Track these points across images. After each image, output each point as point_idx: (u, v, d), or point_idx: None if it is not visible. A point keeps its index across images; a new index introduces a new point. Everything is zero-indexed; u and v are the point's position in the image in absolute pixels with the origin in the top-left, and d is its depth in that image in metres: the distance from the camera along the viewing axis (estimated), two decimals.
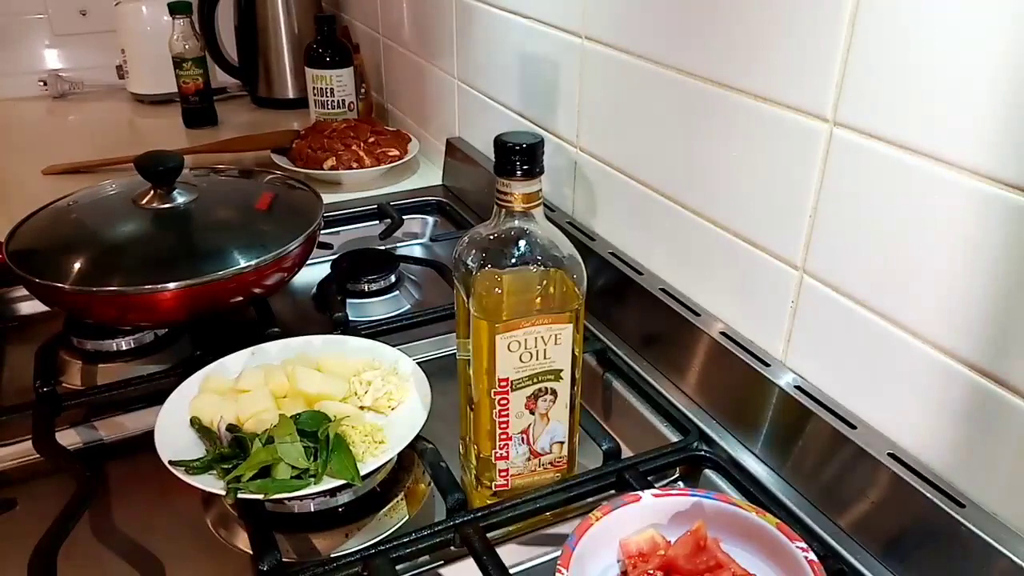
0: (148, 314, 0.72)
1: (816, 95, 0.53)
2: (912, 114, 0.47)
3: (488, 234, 0.54)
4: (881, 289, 0.52)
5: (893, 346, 0.51)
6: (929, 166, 0.47)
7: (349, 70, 1.29)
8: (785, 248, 0.58)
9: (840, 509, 0.54)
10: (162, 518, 0.60)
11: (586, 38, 0.77)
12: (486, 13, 0.95)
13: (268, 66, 1.49)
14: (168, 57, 1.36)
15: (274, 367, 0.65)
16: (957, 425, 0.49)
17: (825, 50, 0.51)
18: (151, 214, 0.77)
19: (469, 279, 0.53)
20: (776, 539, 0.48)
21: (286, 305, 0.87)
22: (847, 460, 0.53)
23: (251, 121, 1.44)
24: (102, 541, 0.58)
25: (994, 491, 0.47)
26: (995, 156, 0.43)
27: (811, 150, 0.54)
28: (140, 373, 0.73)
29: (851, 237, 0.53)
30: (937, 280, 0.48)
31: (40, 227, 0.77)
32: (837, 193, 0.53)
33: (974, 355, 0.47)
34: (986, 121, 0.43)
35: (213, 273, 0.70)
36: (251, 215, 0.79)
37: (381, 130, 1.21)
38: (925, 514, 0.48)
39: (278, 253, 0.74)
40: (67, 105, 1.54)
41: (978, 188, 0.44)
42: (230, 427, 0.59)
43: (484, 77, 1.01)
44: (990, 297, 0.45)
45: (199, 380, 0.65)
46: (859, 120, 0.50)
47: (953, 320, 0.47)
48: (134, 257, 0.73)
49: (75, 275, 0.69)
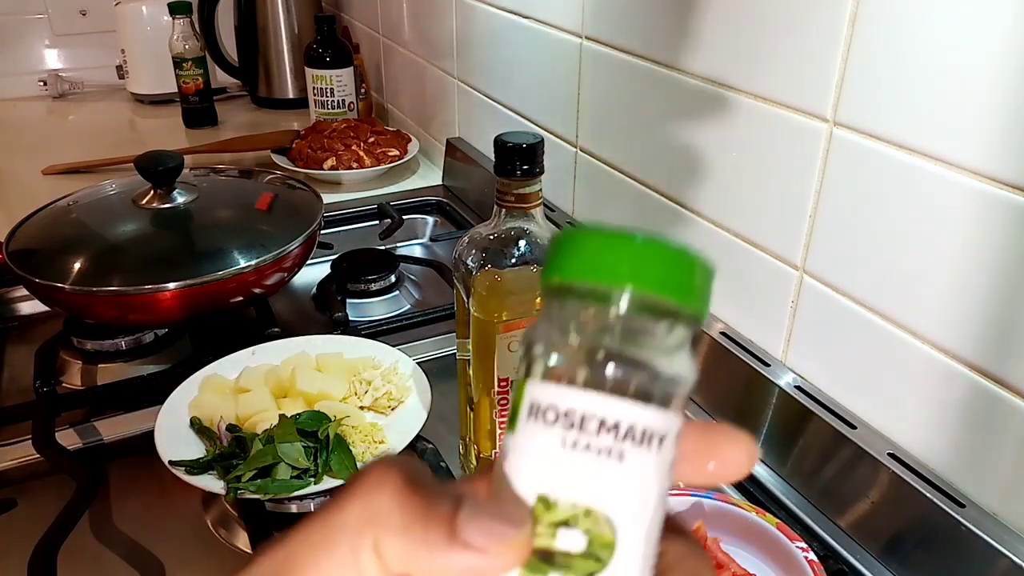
0: (148, 314, 0.72)
1: (816, 95, 0.53)
2: (912, 114, 0.47)
3: (488, 234, 0.53)
4: (881, 289, 0.52)
5: (893, 346, 0.51)
6: (929, 166, 0.47)
7: (349, 70, 1.29)
8: (785, 248, 0.58)
9: (840, 509, 0.54)
10: (162, 518, 0.60)
11: (586, 38, 0.77)
12: (486, 13, 0.95)
13: (268, 66, 1.48)
14: (168, 57, 1.36)
15: (274, 367, 0.65)
16: (957, 425, 0.49)
17: (825, 50, 0.51)
18: (151, 214, 0.77)
19: (469, 279, 0.53)
20: (776, 539, 0.48)
21: (286, 305, 0.87)
22: (847, 460, 0.53)
23: (251, 121, 1.44)
24: (102, 541, 0.58)
25: (994, 491, 0.47)
26: (995, 156, 0.43)
27: (811, 150, 0.54)
28: (140, 373, 0.72)
29: (851, 237, 0.53)
30: (937, 280, 0.48)
31: (40, 227, 0.77)
32: (837, 193, 0.53)
33: (974, 355, 0.47)
34: (986, 121, 0.43)
35: (213, 273, 0.70)
36: (251, 215, 0.79)
37: (381, 130, 1.21)
38: (925, 514, 0.48)
39: (278, 253, 0.74)
40: (67, 105, 1.53)
41: (978, 188, 0.44)
42: (230, 427, 0.59)
43: (484, 77, 1.01)
44: (990, 297, 0.45)
45: (199, 380, 0.65)
46: (859, 120, 0.50)
47: (953, 320, 0.47)
48: (134, 257, 0.73)
49: (75, 275, 0.69)
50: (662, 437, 0.18)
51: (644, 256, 0.18)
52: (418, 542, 0.18)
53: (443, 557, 0.17)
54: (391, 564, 0.18)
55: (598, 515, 0.18)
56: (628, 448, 0.18)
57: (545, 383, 0.19)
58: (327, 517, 0.19)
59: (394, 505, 0.18)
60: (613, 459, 0.18)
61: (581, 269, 0.19)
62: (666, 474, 0.19)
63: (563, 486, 0.18)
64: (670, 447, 0.19)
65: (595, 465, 0.18)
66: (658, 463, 0.18)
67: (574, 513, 0.18)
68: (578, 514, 0.18)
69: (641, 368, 0.18)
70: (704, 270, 0.19)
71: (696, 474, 0.20)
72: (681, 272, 0.19)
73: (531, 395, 0.19)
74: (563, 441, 0.18)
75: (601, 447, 0.18)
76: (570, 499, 0.18)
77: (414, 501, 0.18)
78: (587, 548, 0.18)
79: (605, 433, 0.18)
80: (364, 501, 0.18)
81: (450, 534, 0.18)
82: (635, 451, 0.18)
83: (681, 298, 0.19)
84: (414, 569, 0.18)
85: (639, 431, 0.18)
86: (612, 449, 0.18)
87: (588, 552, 0.18)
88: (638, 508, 0.18)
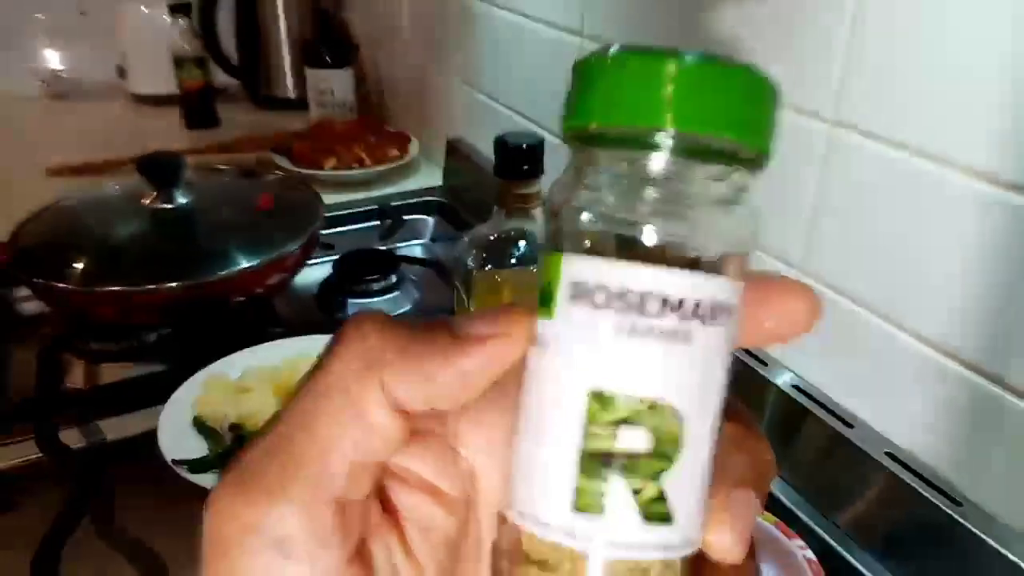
0: (150, 314, 0.72)
1: (816, 94, 0.53)
2: (912, 114, 0.47)
3: (489, 234, 0.54)
4: (880, 289, 0.52)
5: (891, 346, 0.51)
6: (929, 166, 0.47)
7: (349, 70, 1.29)
8: (784, 248, 0.58)
9: (838, 508, 0.54)
10: (165, 518, 0.60)
11: (586, 37, 0.77)
12: (487, 12, 0.95)
13: (268, 66, 1.48)
14: (168, 57, 1.35)
15: (276, 367, 0.66)
16: (954, 424, 0.49)
17: (825, 49, 0.51)
18: (153, 215, 0.77)
19: (469, 279, 0.53)
20: (774, 537, 0.48)
21: (288, 305, 0.87)
22: (845, 459, 0.53)
23: (251, 121, 1.44)
24: (105, 540, 0.58)
25: (991, 490, 0.47)
26: (996, 157, 0.43)
27: (811, 150, 0.54)
28: (143, 373, 0.73)
29: (850, 237, 0.53)
30: (936, 280, 0.48)
31: (42, 228, 0.77)
32: (837, 193, 0.53)
33: (972, 355, 0.47)
34: (986, 122, 0.43)
35: (215, 273, 0.70)
36: (252, 215, 0.79)
37: (381, 130, 1.21)
38: (922, 513, 0.49)
39: (279, 253, 0.74)
40: (67, 105, 1.53)
41: (978, 189, 0.44)
42: (233, 426, 0.59)
43: (485, 77, 1.01)
44: (988, 297, 0.45)
45: (202, 380, 0.65)
46: (859, 120, 0.50)
47: (951, 320, 0.47)
48: (136, 257, 0.73)
49: (77, 275, 0.70)
50: (730, 309, 0.16)
51: (700, 83, 0.15)
52: (424, 358, 0.16)
53: (455, 360, 0.16)
54: (405, 398, 0.16)
55: (664, 408, 0.15)
56: (695, 328, 0.15)
57: (588, 257, 0.16)
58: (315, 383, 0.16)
59: (386, 340, 0.16)
60: (679, 342, 0.15)
61: (620, 108, 0.15)
62: (731, 349, 0.16)
63: (622, 379, 0.15)
64: (736, 318, 0.16)
65: (659, 351, 0.15)
66: (726, 340, 0.16)
67: (636, 408, 0.15)
68: (642, 409, 0.15)
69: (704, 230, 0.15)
70: (772, 93, 0.16)
71: (753, 335, 0.17)
72: (745, 99, 0.15)
73: (571, 272, 0.16)
74: (618, 327, 0.15)
75: (665, 329, 0.15)
76: (631, 392, 0.15)
77: (404, 330, 0.17)
78: (652, 446, 0.15)
79: (669, 313, 0.15)
80: (354, 350, 0.16)
81: (453, 338, 0.16)
82: (703, 330, 0.15)
83: (749, 136, 0.15)
84: (429, 391, 0.16)
85: (707, 306, 0.15)
86: (678, 331, 0.15)
87: (653, 450, 0.15)
88: (707, 394, 0.16)
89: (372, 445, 0.16)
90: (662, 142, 0.15)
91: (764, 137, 0.16)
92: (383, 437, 0.16)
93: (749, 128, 0.15)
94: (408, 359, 0.16)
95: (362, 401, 0.16)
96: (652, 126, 0.14)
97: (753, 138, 0.15)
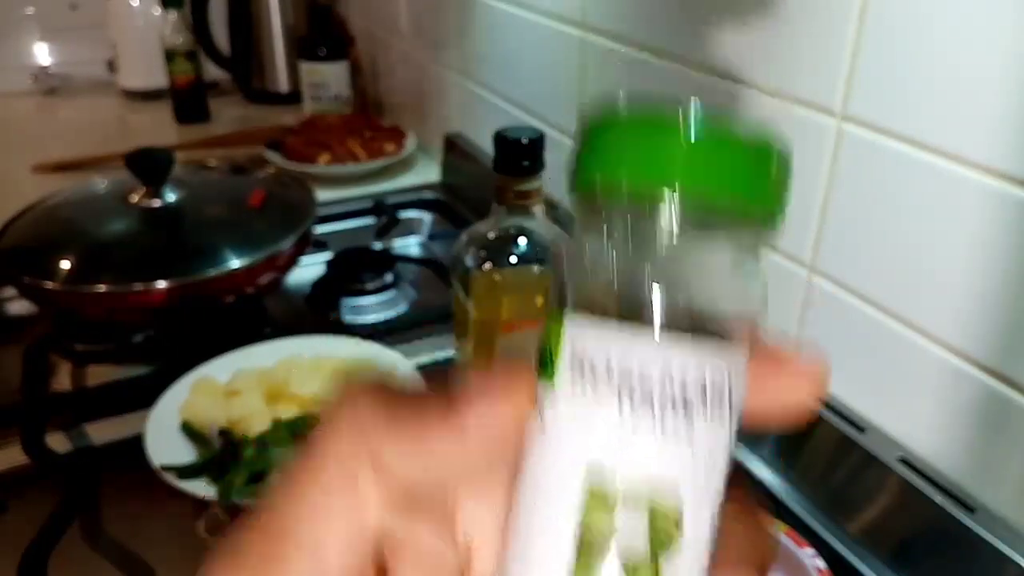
0: (138, 314, 0.71)
1: (825, 89, 0.52)
2: (923, 109, 0.46)
3: (487, 232, 0.53)
4: (891, 288, 0.51)
5: (903, 347, 0.50)
6: (940, 162, 0.46)
7: (344, 63, 1.27)
8: (794, 246, 0.57)
9: (849, 515, 0.53)
10: (153, 523, 0.59)
11: (586, 30, 0.76)
12: (486, 3, 0.94)
13: (261, 59, 1.47)
14: (159, 51, 1.34)
15: (267, 369, 0.64)
16: (968, 428, 0.48)
17: (834, 43, 0.50)
18: (141, 212, 0.76)
19: (468, 279, 0.52)
20: (784, 545, 0.48)
21: (280, 305, 0.85)
22: (856, 465, 0.52)
23: (243, 116, 1.43)
24: (92, 546, 0.57)
25: (1005, 496, 0.46)
26: (1008, 152, 0.42)
27: (820, 145, 0.53)
28: (130, 375, 0.71)
29: (861, 235, 0.52)
30: (949, 279, 0.47)
31: (29, 225, 0.76)
32: (847, 190, 0.52)
33: (986, 356, 0.46)
34: (997, 117, 0.42)
35: (204, 272, 0.69)
36: (243, 213, 0.78)
37: (377, 125, 1.20)
38: (935, 520, 0.48)
39: (271, 252, 0.73)
40: (57, 100, 1.52)
41: (991, 185, 0.43)
42: (222, 431, 0.58)
43: (484, 71, 1.00)
44: (1003, 297, 0.44)
45: (190, 382, 0.63)
46: (869, 115, 0.49)
47: (965, 320, 0.47)
48: (124, 256, 0.72)
49: (64, 274, 0.68)
50: (734, 386, 0.15)
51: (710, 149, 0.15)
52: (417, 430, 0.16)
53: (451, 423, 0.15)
54: (396, 471, 0.16)
55: (664, 491, 0.15)
56: (698, 407, 0.15)
57: (592, 326, 0.15)
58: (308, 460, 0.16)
59: (378, 410, 0.16)
60: (681, 420, 0.15)
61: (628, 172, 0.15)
62: (735, 428, 0.16)
63: (621, 460, 0.15)
64: (741, 394, 0.16)
65: (661, 431, 0.15)
66: (731, 417, 0.16)
67: (636, 492, 0.15)
68: (641, 493, 0.15)
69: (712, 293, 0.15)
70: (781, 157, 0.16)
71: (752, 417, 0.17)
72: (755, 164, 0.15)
73: (574, 340, 0.15)
74: (619, 406, 0.15)
75: (667, 408, 0.15)
76: (630, 474, 0.15)
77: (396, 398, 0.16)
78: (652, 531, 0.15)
79: (672, 390, 0.15)
80: (345, 424, 0.16)
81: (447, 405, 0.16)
82: (707, 408, 0.15)
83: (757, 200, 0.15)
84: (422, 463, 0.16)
85: (711, 383, 0.15)
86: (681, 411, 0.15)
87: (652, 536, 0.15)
88: (710, 474, 0.16)
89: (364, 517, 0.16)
90: (670, 205, 0.15)
91: (773, 200, 0.16)
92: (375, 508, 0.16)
93: (758, 192, 0.15)
94: (401, 433, 0.16)
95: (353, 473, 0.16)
96: (660, 189, 0.15)
97: (762, 201, 0.16)
